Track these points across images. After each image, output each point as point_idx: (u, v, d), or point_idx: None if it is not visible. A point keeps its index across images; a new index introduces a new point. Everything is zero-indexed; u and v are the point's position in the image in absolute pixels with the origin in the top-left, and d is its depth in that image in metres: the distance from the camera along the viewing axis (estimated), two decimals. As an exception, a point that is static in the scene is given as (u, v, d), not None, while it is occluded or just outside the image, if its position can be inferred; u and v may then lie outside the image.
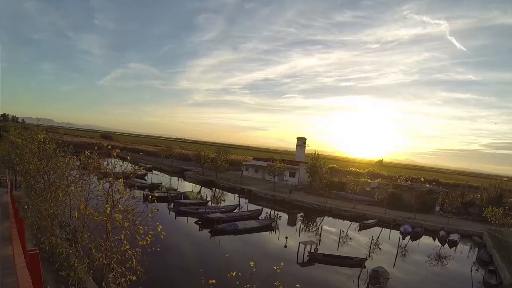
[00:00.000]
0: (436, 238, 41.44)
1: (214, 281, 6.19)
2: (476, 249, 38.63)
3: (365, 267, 25.85)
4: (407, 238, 40.39)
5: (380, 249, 34.27)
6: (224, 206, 44.63)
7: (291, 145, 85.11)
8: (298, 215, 48.02)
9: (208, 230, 33.08)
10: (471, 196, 59.63)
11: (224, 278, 6.55)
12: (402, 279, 26.54)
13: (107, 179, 12.00)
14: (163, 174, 73.25)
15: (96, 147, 13.45)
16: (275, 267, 6.93)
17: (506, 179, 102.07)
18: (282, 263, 7.51)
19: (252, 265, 6.81)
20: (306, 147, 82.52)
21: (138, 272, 11.06)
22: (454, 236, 40.93)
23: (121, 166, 13.72)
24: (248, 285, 6.46)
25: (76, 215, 11.64)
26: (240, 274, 6.61)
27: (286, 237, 32.18)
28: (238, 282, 6.38)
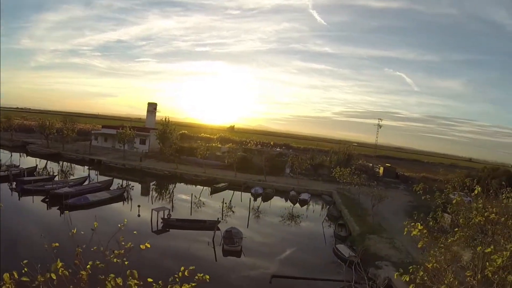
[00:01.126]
0: (288, 199, 45.17)
1: (57, 244, 6.08)
2: (327, 206, 43.00)
3: (218, 229, 27.69)
4: (259, 199, 43.40)
5: (233, 212, 36.77)
6: (73, 179, 43.11)
7: (143, 112, 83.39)
8: (151, 183, 48.52)
9: (57, 207, 31.74)
10: (321, 159, 66.32)
11: (68, 242, 6.47)
12: (256, 238, 28.78)
13: None
14: (2, 150, 66.44)
15: None
16: (119, 225, 7.04)
17: (355, 144, 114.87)
18: (125, 220, 8.07)
19: (95, 225, 7.16)
20: (157, 113, 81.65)
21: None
22: (304, 196, 45.06)
23: None
24: (95, 247, 6.34)
25: None
26: (83, 232, 6.82)
27: (139, 206, 32.26)
28: (84, 246, 6.25)
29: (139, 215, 30.98)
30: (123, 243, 6.42)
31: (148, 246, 6.50)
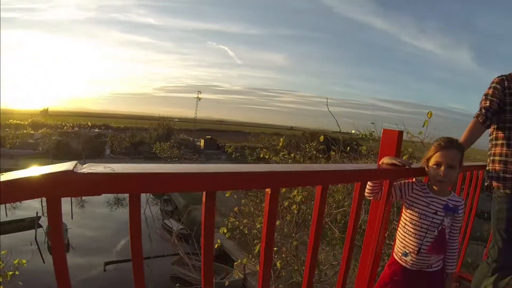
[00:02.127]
0: None
1: None
2: None
3: (40, 226, 25.65)
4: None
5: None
6: None
7: None
8: None
9: None
10: (141, 136, 65.61)
11: None
12: (86, 234, 27.32)
13: None
14: None
15: None
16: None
17: (177, 119, 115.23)
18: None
19: None
20: (-48, 100, 69.84)
21: None
22: None
23: None
24: None
25: None
26: None
27: None
28: None
29: None
30: None
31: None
